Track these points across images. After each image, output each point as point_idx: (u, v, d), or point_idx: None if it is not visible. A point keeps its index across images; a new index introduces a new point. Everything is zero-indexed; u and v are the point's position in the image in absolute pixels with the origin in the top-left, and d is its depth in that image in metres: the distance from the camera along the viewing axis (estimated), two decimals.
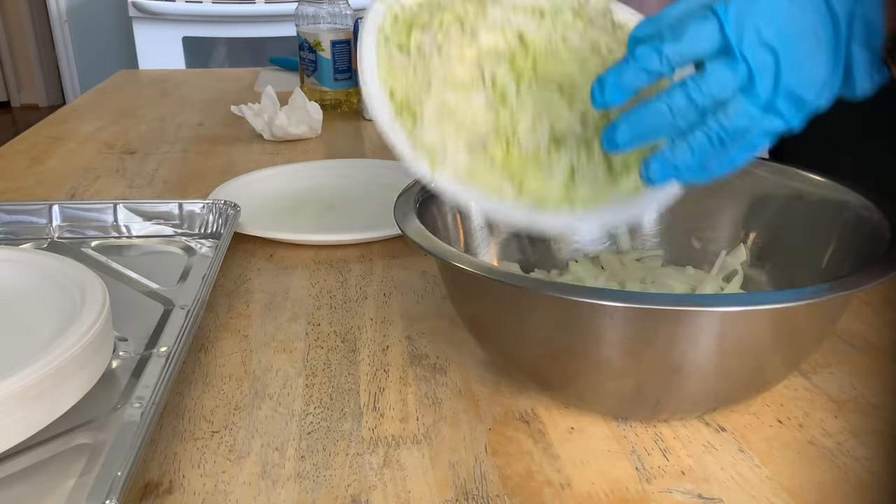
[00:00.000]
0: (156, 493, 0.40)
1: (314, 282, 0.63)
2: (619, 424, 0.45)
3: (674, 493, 0.40)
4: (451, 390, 0.48)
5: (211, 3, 2.64)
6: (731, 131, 0.42)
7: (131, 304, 0.57)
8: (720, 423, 0.45)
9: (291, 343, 0.54)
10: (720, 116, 0.42)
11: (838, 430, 0.44)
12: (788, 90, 0.42)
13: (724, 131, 0.42)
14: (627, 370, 0.41)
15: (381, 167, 0.88)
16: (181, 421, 0.45)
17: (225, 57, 2.79)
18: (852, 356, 0.52)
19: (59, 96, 4.16)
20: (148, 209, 0.71)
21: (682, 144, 0.43)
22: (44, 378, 0.40)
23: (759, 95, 0.41)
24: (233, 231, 0.67)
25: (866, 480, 0.41)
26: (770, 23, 0.41)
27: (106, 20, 3.23)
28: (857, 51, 0.42)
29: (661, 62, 0.42)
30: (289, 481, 0.41)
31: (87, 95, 1.36)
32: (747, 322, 0.40)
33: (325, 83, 1.19)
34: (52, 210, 0.70)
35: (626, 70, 0.42)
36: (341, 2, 1.18)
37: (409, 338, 0.54)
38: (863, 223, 0.48)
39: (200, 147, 1.02)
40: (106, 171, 0.92)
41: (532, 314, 0.42)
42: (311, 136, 1.05)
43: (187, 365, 0.51)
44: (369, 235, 0.69)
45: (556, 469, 0.41)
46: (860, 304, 0.58)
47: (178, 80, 1.49)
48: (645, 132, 0.43)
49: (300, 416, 0.46)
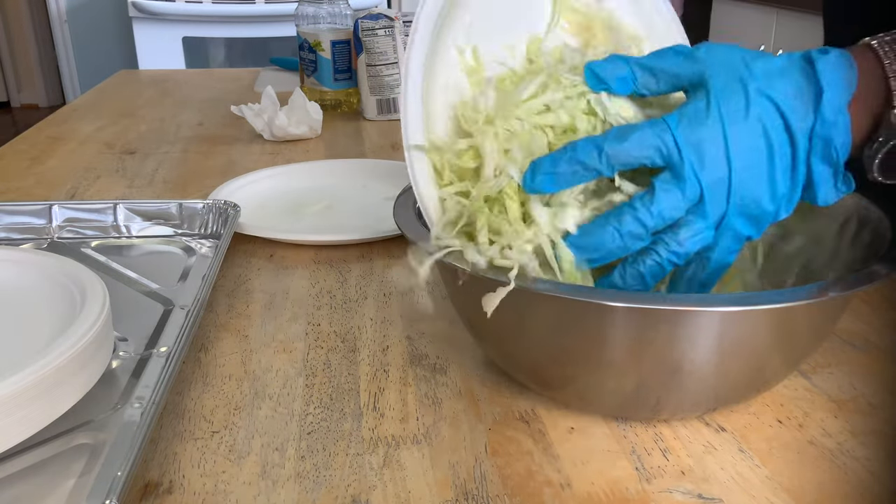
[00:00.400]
0: (156, 493, 0.40)
1: (314, 282, 0.63)
2: (619, 424, 0.45)
3: (674, 493, 0.40)
4: (451, 390, 0.48)
5: (211, 3, 2.64)
6: (682, 255, 0.41)
7: (131, 304, 0.57)
8: (720, 423, 0.45)
9: (291, 343, 0.54)
10: (670, 242, 0.41)
11: (838, 430, 0.44)
12: (742, 208, 0.41)
13: (676, 256, 0.41)
14: (627, 370, 0.41)
15: (381, 167, 0.88)
16: (181, 421, 0.45)
17: (225, 57, 2.79)
18: (852, 356, 0.52)
19: (59, 96, 4.16)
20: (148, 209, 0.71)
21: (632, 270, 0.42)
22: (44, 378, 0.40)
23: (709, 216, 0.41)
24: (233, 231, 0.67)
25: (866, 480, 0.41)
26: (722, 140, 0.40)
27: (106, 20, 3.23)
28: (818, 166, 0.41)
29: (599, 160, 0.41)
30: (289, 481, 0.41)
31: (87, 95, 1.36)
32: (747, 322, 0.40)
33: (325, 83, 1.19)
34: (52, 210, 0.70)
35: (561, 159, 0.41)
36: (341, 2, 1.18)
37: (409, 338, 0.54)
38: (863, 223, 0.48)
39: (200, 147, 1.02)
40: (106, 171, 0.92)
41: (532, 314, 0.42)
42: (311, 136, 1.05)
43: (187, 365, 0.51)
44: (369, 235, 0.69)
45: (556, 469, 0.41)
46: (860, 304, 0.58)
47: (178, 80, 1.49)
48: (597, 253, 0.42)
49: (300, 416, 0.46)
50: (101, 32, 3.25)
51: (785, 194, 0.41)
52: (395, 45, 1.11)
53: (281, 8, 2.64)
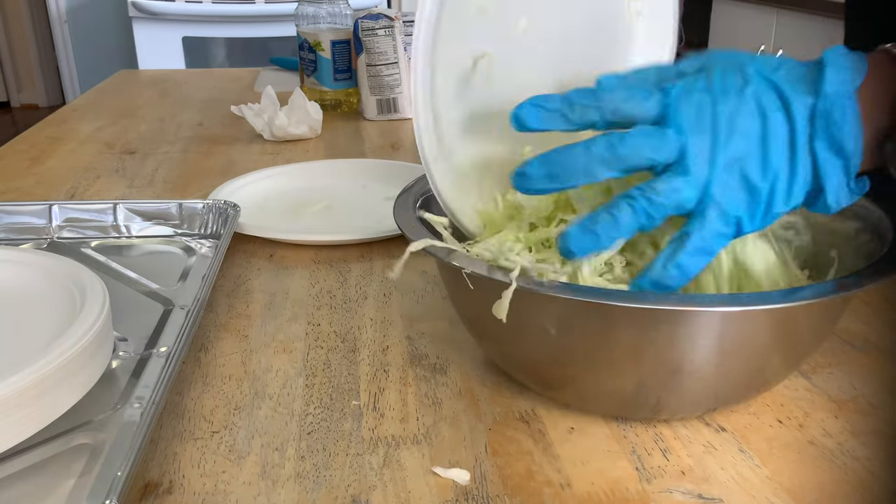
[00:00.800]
0: (156, 493, 0.40)
1: (314, 282, 0.63)
2: (620, 424, 0.45)
3: (674, 494, 0.40)
4: (451, 390, 0.48)
5: (211, 3, 2.64)
6: (658, 208, 0.40)
7: (131, 304, 0.57)
8: (720, 423, 0.45)
9: (291, 343, 0.54)
10: (647, 189, 0.40)
11: (838, 431, 0.44)
12: (728, 181, 0.39)
13: (652, 206, 0.40)
14: (627, 370, 0.41)
15: (381, 167, 0.88)
16: (181, 421, 0.45)
17: (225, 57, 2.79)
18: (852, 356, 0.52)
19: (59, 96, 4.16)
20: (148, 209, 0.71)
21: (605, 214, 0.40)
22: (44, 378, 0.40)
23: (690, 174, 0.39)
24: (233, 231, 0.67)
25: (866, 480, 0.41)
26: (712, 107, 0.40)
27: (106, 20, 3.23)
28: (824, 153, 0.39)
29: (591, 102, 0.40)
30: (289, 481, 0.41)
31: (87, 95, 1.36)
32: (747, 322, 0.40)
33: (325, 83, 1.19)
34: (52, 210, 0.70)
35: (551, 99, 0.41)
36: (341, 2, 1.18)
37: (410, 338, 0.54)
38: (864, 223, 0.48)
39: (200, 147, 1.02)
40: (106, 171, 0.92)
41: (532, 315, 0.42)
42: (311, 136, 1.05)
43: (187, 365, 0.51)
44: (369, 235, 0.69)
45: (557, 469, 0.41)
46: (860, 304, 0.58)
47: (178, 80, 1.49)
48: (559, 168, 0.41)
49: (300, 416, 0.46)
50: (101, 32, 3.25)
51: (781, 176, 0.40)
52: (395, 45, 1.11)
53: (281, 8, 2.64)
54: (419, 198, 0.51)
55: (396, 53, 1.11)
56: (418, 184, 0.53)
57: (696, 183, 0.40)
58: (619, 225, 0.40)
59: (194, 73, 1.57)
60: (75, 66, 3.33)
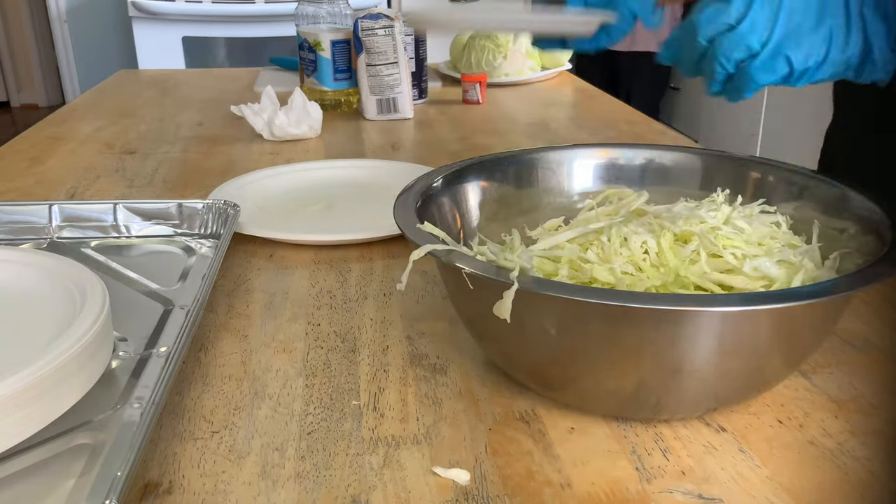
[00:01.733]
0: (156, 494, 0.40)
1: (314, 282, 0.63)
2: (620, 424, 0.45)
3: (674, 494, 0.40)
4: (452, 390, 0.48)
5: (211, 3, 2.64)
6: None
7: (131, 304, 0.57)
8: (720, 424, 0.45)
9: (291, 343, 0.54)
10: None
11: (838, 431, 0.44)
12: (788, 31, 0.46)
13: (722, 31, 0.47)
14: (628, 370, 0.41)
15: (381, 167, 0.88)
16: (181, 421, 0.45)
17: (225, 57, 2.79)
18: (852, 356, 0.52)
19: (58, 96, 4.16)
20: (148, 209, 0.71)
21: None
22: (44, 378, 0.40)
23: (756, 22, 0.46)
24: (233, 231, 0.67)
25: (866, 480, 0.41)
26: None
27: (106, 20, 3.23)
28: (873, 23, 0.45)
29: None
30: (289, 481, 0.41)
31: (87, 95, 1.36)
32: (747, 322, 0.40)
33: (325, 83, 1.19)
34: (52, 210, 0.70)
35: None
36: (341, 2, 1.18)
37: (409, 338, 0.54)
38: (864, 223, 0.48)
39: (200, 147, 1.02)
40: (106, 171, 0.92)
41: (532, 315, 0.42)
42: (311, 136, 1.05)
43: (187, 365, 0.51)
44: (369, 235, 0.69)
45: (557, 469, 0.41)
46: (860, 304, 0.58)
47: (178, 80, 1.49)
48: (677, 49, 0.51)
49: (300, 416, 0.46)
50: (101, 32, 3.25)
51: (837, 32, 0.46)
52: (395, 44, 1.11)
53: (281, 8, 2.64)
54: (419, 198, 0.51)
55: (396, 53, 1.11)
56: (418, 184, 0.53)
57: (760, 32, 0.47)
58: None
59: (194, 73, 1.57)
60: (75, 66, 3.33)
